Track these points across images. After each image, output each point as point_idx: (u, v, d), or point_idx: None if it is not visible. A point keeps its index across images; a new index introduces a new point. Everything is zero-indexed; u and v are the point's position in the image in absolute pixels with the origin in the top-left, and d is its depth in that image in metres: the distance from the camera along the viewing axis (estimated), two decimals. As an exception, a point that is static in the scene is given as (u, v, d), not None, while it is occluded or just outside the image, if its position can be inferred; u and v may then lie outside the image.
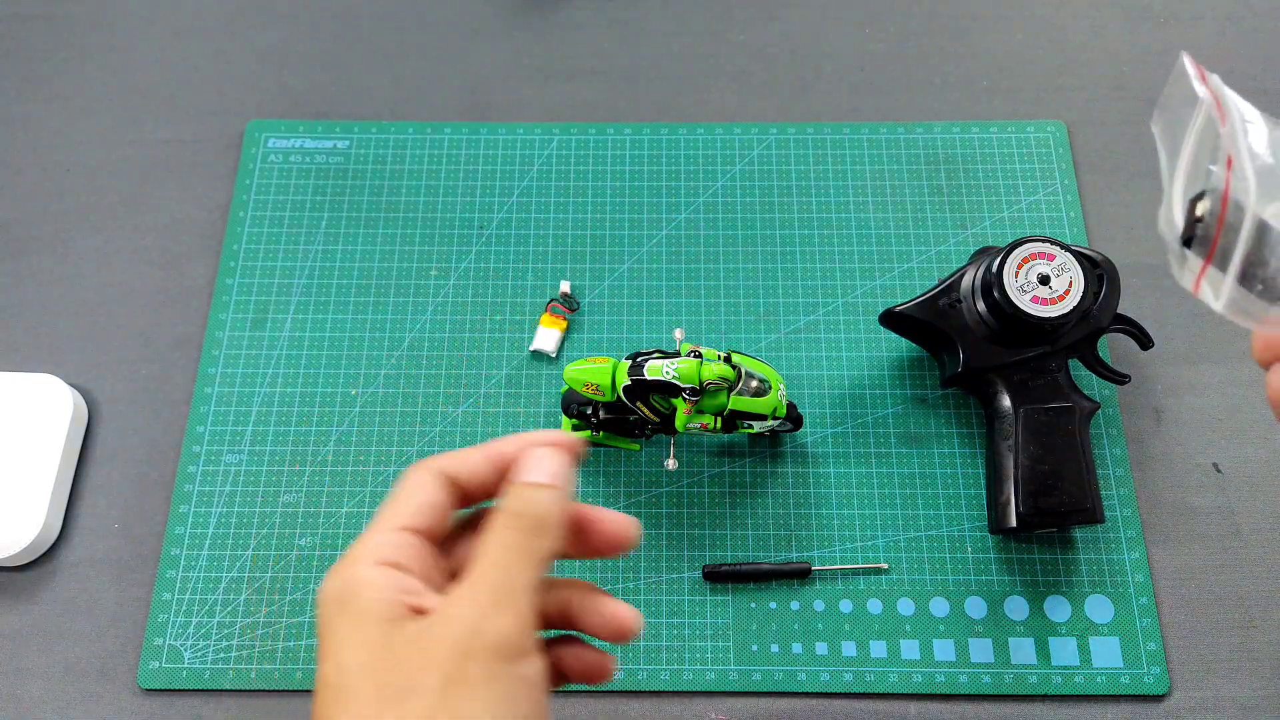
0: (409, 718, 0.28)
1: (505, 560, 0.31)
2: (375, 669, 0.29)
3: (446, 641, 0.29)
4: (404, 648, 0.29)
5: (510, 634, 0.30)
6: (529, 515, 0.32)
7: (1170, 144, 0.35)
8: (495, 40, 0.72)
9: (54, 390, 0.58)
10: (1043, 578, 0.55)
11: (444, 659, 0.29)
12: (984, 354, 0.55)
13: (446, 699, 0.28)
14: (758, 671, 0.53)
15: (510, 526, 0.32)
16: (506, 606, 0.30)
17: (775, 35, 0.72)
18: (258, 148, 0.68)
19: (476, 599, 0.30)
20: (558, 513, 0.33)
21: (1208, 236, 0.33)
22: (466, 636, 0.29)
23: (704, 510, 0.57)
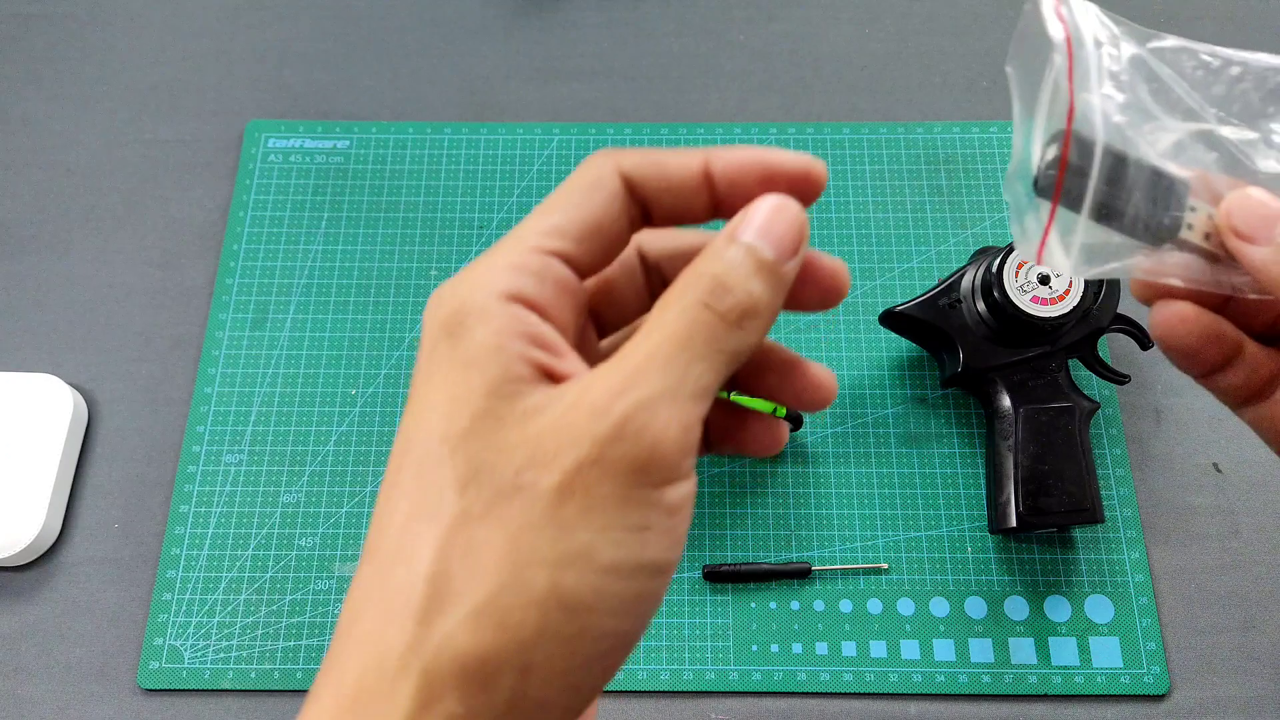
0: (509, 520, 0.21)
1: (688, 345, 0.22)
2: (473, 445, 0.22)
3: (577, 435, 0.21)
4: (516, 426, 0.22)
5: (668, 449, 0.22)
6: (739, 293, 0.23)
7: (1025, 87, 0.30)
8: (495, 40, 0.72)
9: (54, 390, 0.58)
10: (1043, 578, 0.55)
11: (569, 458, 0.21)
12: (984, 354, 0.55)
13: (560, 515, 0.21)
14: (758, 671, 0.54)
15: (708, 301, 0.23)
16: (672, 409, 0.22)
17: (775, 35, 0.72)
18: (258, 148, 0.68)
19: (633, 388, 0.22)
20: (777, 301, 0.24)
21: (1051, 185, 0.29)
22: (609, 435, 0.21)
23: (704, 510, 0.57)
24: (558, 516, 0.21)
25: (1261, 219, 0.29)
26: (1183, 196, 0.30)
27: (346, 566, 0.56)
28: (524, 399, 0.22)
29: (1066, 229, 0.29)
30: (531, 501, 0.21)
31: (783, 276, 0.24)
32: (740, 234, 0.24)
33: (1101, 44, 0.30)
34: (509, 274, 0.23)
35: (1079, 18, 0.30)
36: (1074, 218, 0.29)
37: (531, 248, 0.24)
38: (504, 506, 0.21)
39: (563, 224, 0.24)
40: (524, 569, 0.21)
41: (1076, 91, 0.29)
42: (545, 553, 0.21)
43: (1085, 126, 0.29)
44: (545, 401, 0.22)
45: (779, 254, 0.24)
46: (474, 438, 0.22)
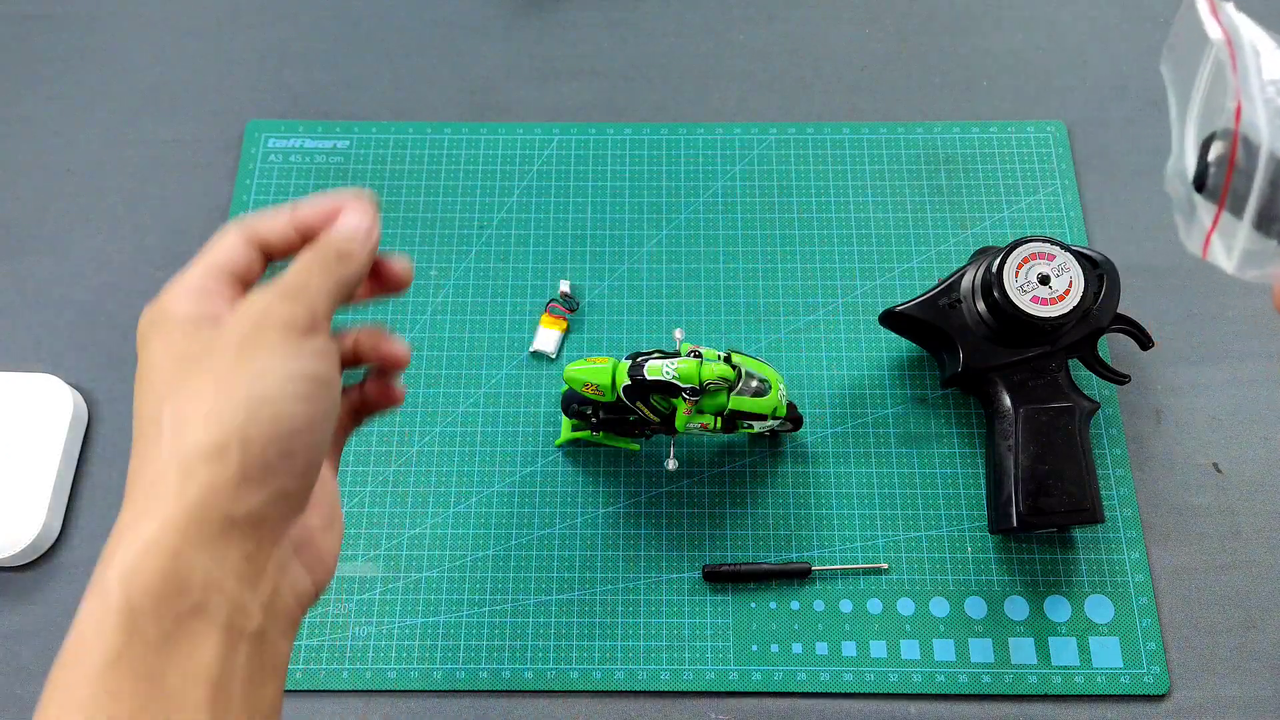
0: (208, 373, 0.32)
1: (306, 271, 0.34)
2: (177, 352, 0.32)
3: (241, 319, 0.33)
4: (206, 333, 0.33)
5: (299, 316, 0.33)
6: (336, 244, 0.36)
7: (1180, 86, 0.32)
8: (495, 40, 0.72)
9: (54, 390, 0.58)
10: (1043, 578, 0.55)
11: (238, 331, 0.32)
12: (984, 354, 0.55)
13: (241, 356, 0.32)
14: (758, 671, 0.54)
15: (317, 249, 0.35)
16: (300, 298, 0.34)
17: (775, 35, 0.72)
18: (258, 148, 0.68)
19: (270, 291, 0.34)
20: (365, 249, 0.36)
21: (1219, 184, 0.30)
22: (258, 313, 0.33)
23: (704, 510, 0.57)
24: (243, 354, 0.32)
25: None
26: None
27: (345, 567, 0.56)
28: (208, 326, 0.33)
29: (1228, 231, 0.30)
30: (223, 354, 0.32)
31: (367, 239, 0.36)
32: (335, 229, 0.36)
33: (1259, 52, 0.30)
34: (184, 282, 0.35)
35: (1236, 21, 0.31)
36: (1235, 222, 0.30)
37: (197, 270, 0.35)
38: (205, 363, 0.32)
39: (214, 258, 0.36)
40: (229, 386, 0.31)
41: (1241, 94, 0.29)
42: (241, 374, 0.32)
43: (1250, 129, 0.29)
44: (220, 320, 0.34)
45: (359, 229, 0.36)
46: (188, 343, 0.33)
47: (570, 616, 0.55)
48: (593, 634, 0.55)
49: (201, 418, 0.31)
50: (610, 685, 0.53)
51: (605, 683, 0.53)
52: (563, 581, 0.56)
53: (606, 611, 0.55)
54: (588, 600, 0.55)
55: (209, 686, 0.30)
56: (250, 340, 0.32)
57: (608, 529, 0.57)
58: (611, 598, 0.55)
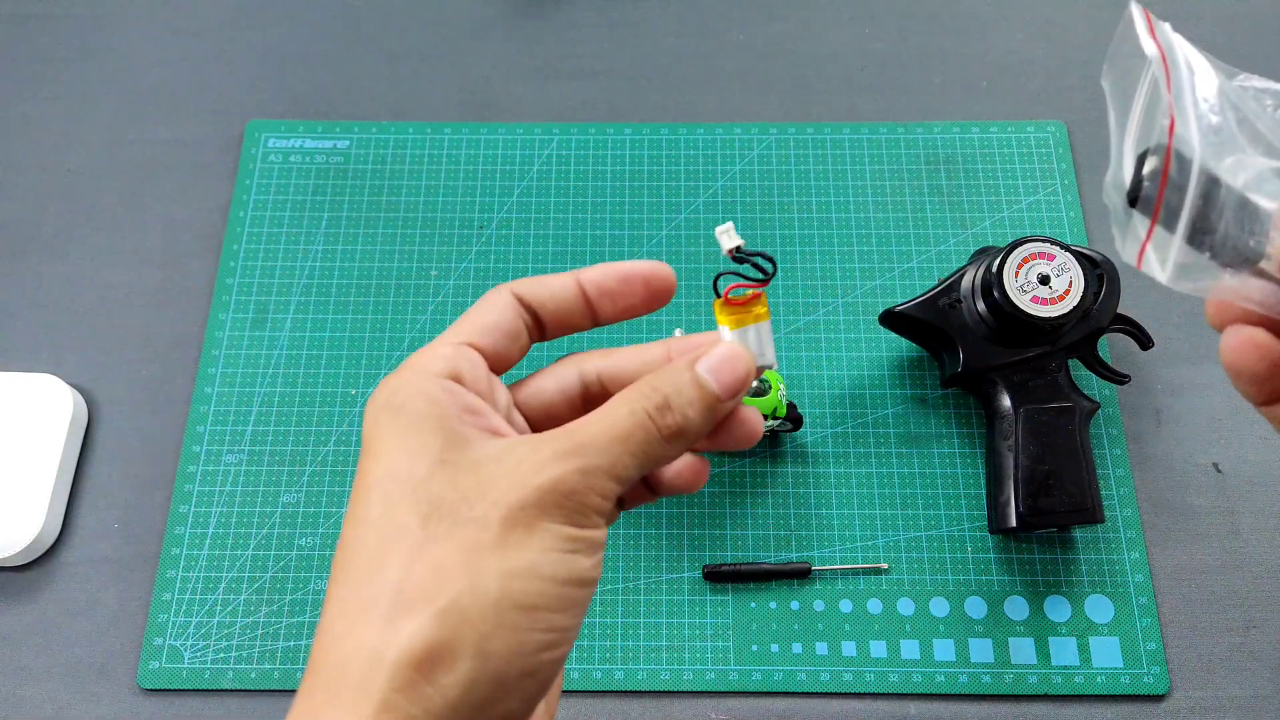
0: (463, 542, 0.26)
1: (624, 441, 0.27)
2: (432, 487, 0.26)
3: (521, 482, 0.26)
4: (468, 471, 0.27)
5: (590, 504, 0.27)
6: (678, 415, 0.28)
7: (1120, 100, 0.32)
8: (495, 40, 0.72)
9: (54, 390, 0.58)
10: (1043, 578, 0.55)
11: (513, 498, 0.26)
12: (984, 354, 0.55)
13: (507, 539, 0.26)
14: (758, 671, 0.54)
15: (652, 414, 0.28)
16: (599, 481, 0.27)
17: (775, 35, 0.72)
18: (258, 148, 0.68)
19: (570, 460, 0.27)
20: (707, 428, 0.29)
21: (1152, 198, 0.30)
22: (545, 487, 0.26)
23: (704, 510, 0.57)
24: (506, 541, 0.26)
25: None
26: (1265, 225, 0.30)
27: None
28: (474, 450, 0.27)
29: (1162, 244, 0.30)
30: (483, 529, 0.26)
31: (718, 411, 0.29)
32: (698, 365, 0.29)
33: (1193, 69, 0.31)
34: (437, 361, 0.29)
35: (1172, 40, 0.31)
36: (1169, 235, 0.30)
37: (449, 343, 0.30)
38: (460, 532, 0.26)
39: (468, 328, 0.30)
40: (479, 578, 0.25)
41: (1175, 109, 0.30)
42: (497, 567, 0.26)
43: (1184, 144, 0.30)
44: (493, 453, 0.27)
45: (723, 392, 0.29)
46: (432, 482, 0.27)
47: (570, 616, 0.55)
48: (592, 634, 0.55)
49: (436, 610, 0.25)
50: (610, 685, 0.53)
51: (605, 683, 0.53)
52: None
53: (606, 611, 0.55)
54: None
55: None
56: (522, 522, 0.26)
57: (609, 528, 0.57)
58: (611, 598, 0.55)
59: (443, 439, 0.27)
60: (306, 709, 0.25)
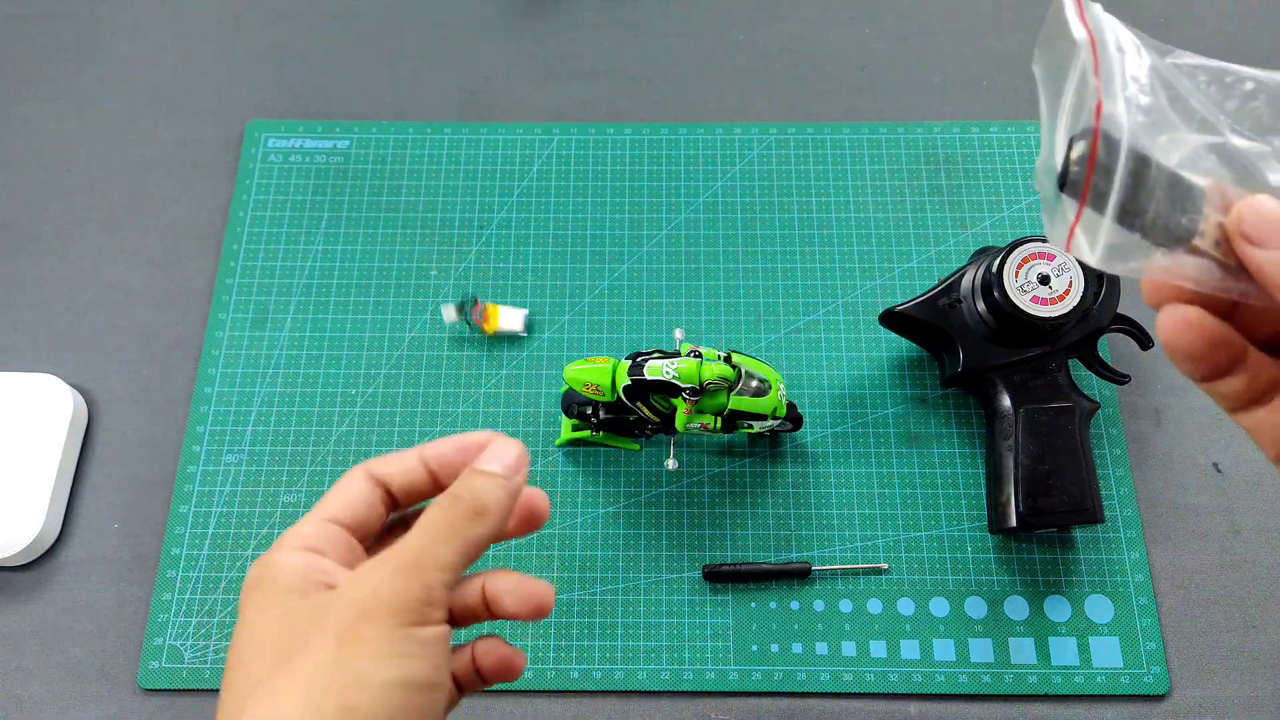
0: (301, 673, 0.29)
1: (430, 535, 0.31)
2: (276, 634, 0.30)
3: (346, 603, 0.30)
4: (306, 614, 0.30)
5: (412, 598, 0.30)
6: (470, 499, 0.32)
7: (1050, 86, 0.32)
8: (495, 40, 0.72)
9: (54, 390, 0.58)
10: (1043, 578, 0.55)
11: (341, 619, 0.29)
12: (984, 354, 0.55)
13: (340, 656, 0.29)
14: (758, 671, 0.54)
15: (446, 506, 0.32)
16: (414, 575, 0.30)
17: (775, 35, 0.72)
18: (258, 148, 0.68)
19: (385, 565, 0.30)
20: (504, 502, 0.32)
21: (1080, 180, 0.30)
22: (366, 597, 0.30)
23: (704, 510, 0.57)
24: (339, 657, 0.29)
25: (1270, 224, 0.29)
26: (1199, 202, 0.30)
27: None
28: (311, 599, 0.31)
29: (1092, 226, 0.30)
30: (319, 653, 0.29)
31: (509, 486, 0.33)
32: (479, 464, 0.33)
33: (1124, 50, 0.31)
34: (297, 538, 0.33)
35: (1102, 22, 0.31)
36: (1098, 217, 0.30)
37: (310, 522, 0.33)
38: (298, 663, 0.29)
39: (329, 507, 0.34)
40: (318, 698, 0.28)
41: (1103, 92, 0.30)
42: (331, 683, 0.28)
43: (1112, 126, 0.29)
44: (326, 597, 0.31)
45: (505, 469, 0.33)
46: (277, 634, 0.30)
47: (570, 616, 0.55)
48: (593, 634, 0.55)
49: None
50: (610, 685, 0.53)
51: (605, 683, 0.53)
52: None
53: (606, 611, 0.55)
54: (587, 600, 0.55)
55: None
56: (351, 635, 0.29)
57: (608, 529, 0.57)
58: (611, 598, 0.55)
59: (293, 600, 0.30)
60: None
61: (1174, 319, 0.32)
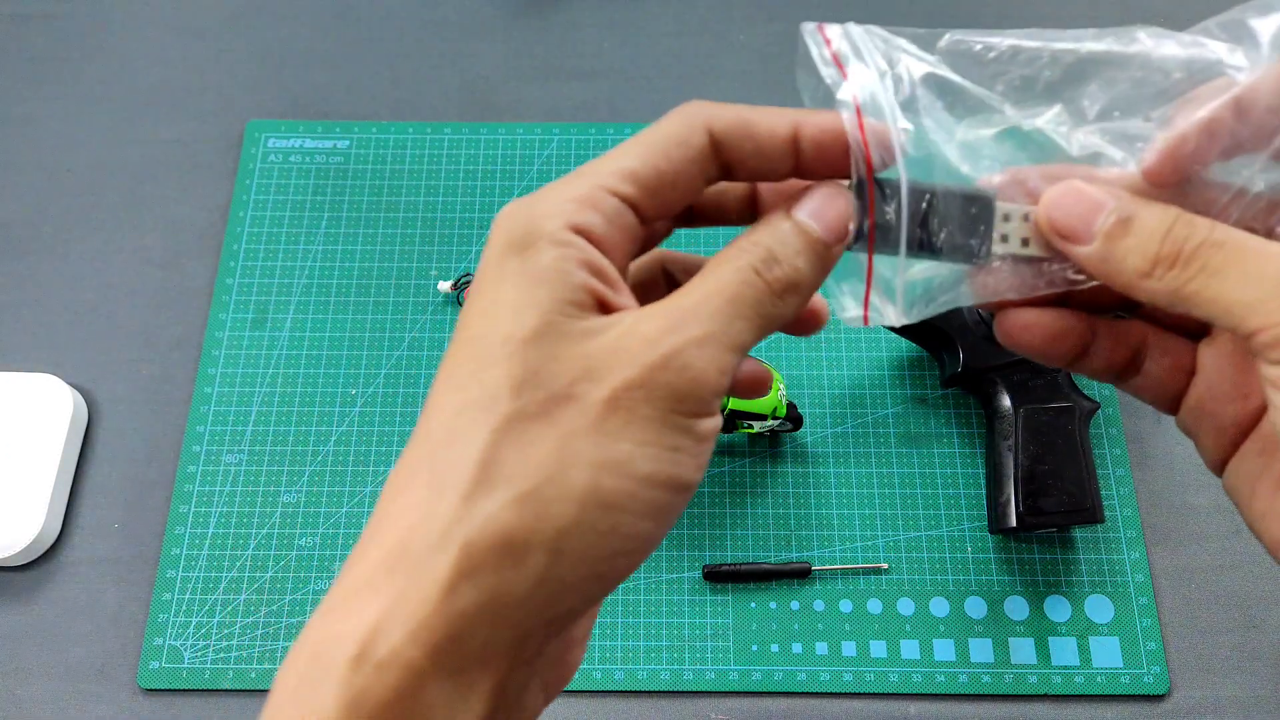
0: (554, 426, 0.23)
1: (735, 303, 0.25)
2: (533, 351, 0.24)
3: (628, 360, 0.24)
4: (576, 344, 0.24)
5: (705, 386, 0.24)
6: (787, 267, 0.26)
7: None
8: (495, 40, 0.72)
9: (54, 390, 0.58)
10: (1043, 578, 0.55)
11: (618, 378, 0.24)
12: (984, 354, 0.55)
13: (605, 426, 0.23)
14: (758, 671, 0.54)
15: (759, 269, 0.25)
16: (714, 353, 0.24)
17: (775, 35, 0.72)
18: (258, 148, 0.68)
19: (681, 330, 0.24)
20: (819, 278, 0.26)
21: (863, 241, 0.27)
22: (657, 362, 0.24)
23: (704, 510, 0.57)
24: (603, 427, 0.23)
25: (1080, 214, 0.27)
26: (990, 211, 0.28)
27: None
28: (583, 320, 0.24)
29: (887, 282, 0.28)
30: (581, 410, 0.23)
31: (827, 257, 0.26)
32: (795, 212, 0.26)
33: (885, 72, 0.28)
34: (578, 207, 0.25)
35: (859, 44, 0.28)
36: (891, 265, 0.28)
37: (602, 187, 0.25)
38: (556, 410, 0.23)
39: (639, 171, 0.26)
40: (568, 467, 0.23)
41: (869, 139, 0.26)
42: (589, 456, 0.23)
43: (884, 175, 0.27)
44: (602, 325, 0.24)
45: (828, 235, 0.26)
46: (534, 345, 0.24)
47: (570, 616, 0.55)
48: (593, 634, 0.55)
49: (516, 493, 0.23)
50: (610, 685, 0.53)
51: (605, 683, 0.53)
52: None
53: (606, 611, 0.55)
54: (588, 600, 0.55)
55: None
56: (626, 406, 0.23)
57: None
58: (611, 598, 0.55)
59: (555, 299, 0.24)
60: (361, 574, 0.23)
61: (1008, 325, 0.31)
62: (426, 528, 0.23)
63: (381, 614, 0.22)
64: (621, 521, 0.24)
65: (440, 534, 0.23)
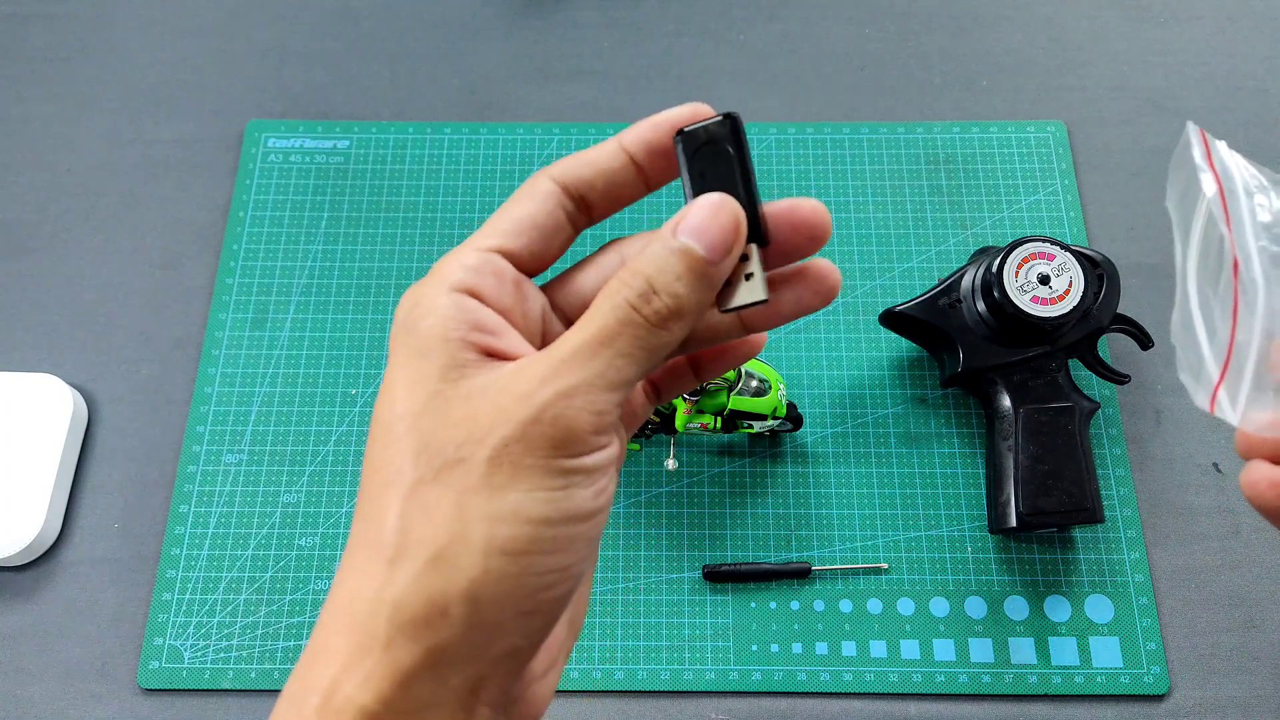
0: (450, 489, 0.25)
1: (611, 342, 0.25)
2: (424, 422, 0.25)
3: (505, 419, 0.25)
4: (462, 406, 0.25)
5: (580, 432, 0.25)
6: (665, 297, 0.25)
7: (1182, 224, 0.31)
8: (495, 40, 0.72)
9: (54, 390, 0.58)
10: (1043, 578, 0.55)
11: (497, 436, 0.25)
12: (984, 354, 0.55)
13: (492, 480, 0.25)
14: (758, 671, 0.54)
15: (635, 304, 0.25)
16: (587, 399, 0.25)
17: (775, 35, 0.72)
18: (258, 148, 0.68)
19: (553, 382, 0.25)
20: (705, 300, 0.26)
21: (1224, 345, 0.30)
22: (530, 418, 0.25)
23: (704, 510, 0.57)
24: (490, 482, 0.25)
25: None
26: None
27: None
28: (468, 380, 0.26)
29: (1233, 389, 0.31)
30: (470, 469, 0.25)
31: (711, 277, 0.26)
32: (676, 232, 0.26)
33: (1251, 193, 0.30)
34: (454, 270, 0.27)
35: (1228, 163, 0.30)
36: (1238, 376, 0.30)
37: (476, 248, 0.27)
38: (449, 474, 0.25)
39: (502, 225, 0.28)
40: (468, 524, 0.25)
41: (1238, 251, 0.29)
42: (482, 510, 0.25)
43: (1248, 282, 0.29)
44: (485, 384, 0.26)
45: (711, 254, 0.26)
46: (426, 417, 0.26)
47: (570, 616, 0.55)
48: (593, 634, 0.55)
49: (428, 555, 0.25)
50: (610, 685, 0.53)
51: (605, 683, 0.53)
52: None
53: (606, 611, 0.55)
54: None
55: None
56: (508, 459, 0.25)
57: (608, 529, 0.57)
58: (611, 598, 0.55)
59: (442, 366, 0.26)
60: (321, 636, 0.26)
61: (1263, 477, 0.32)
62: (364, 594, 0.25)
63: (338, 670, 0.25)
64: (531, 562, 0.25)
65: (373, 599, 0.25)
